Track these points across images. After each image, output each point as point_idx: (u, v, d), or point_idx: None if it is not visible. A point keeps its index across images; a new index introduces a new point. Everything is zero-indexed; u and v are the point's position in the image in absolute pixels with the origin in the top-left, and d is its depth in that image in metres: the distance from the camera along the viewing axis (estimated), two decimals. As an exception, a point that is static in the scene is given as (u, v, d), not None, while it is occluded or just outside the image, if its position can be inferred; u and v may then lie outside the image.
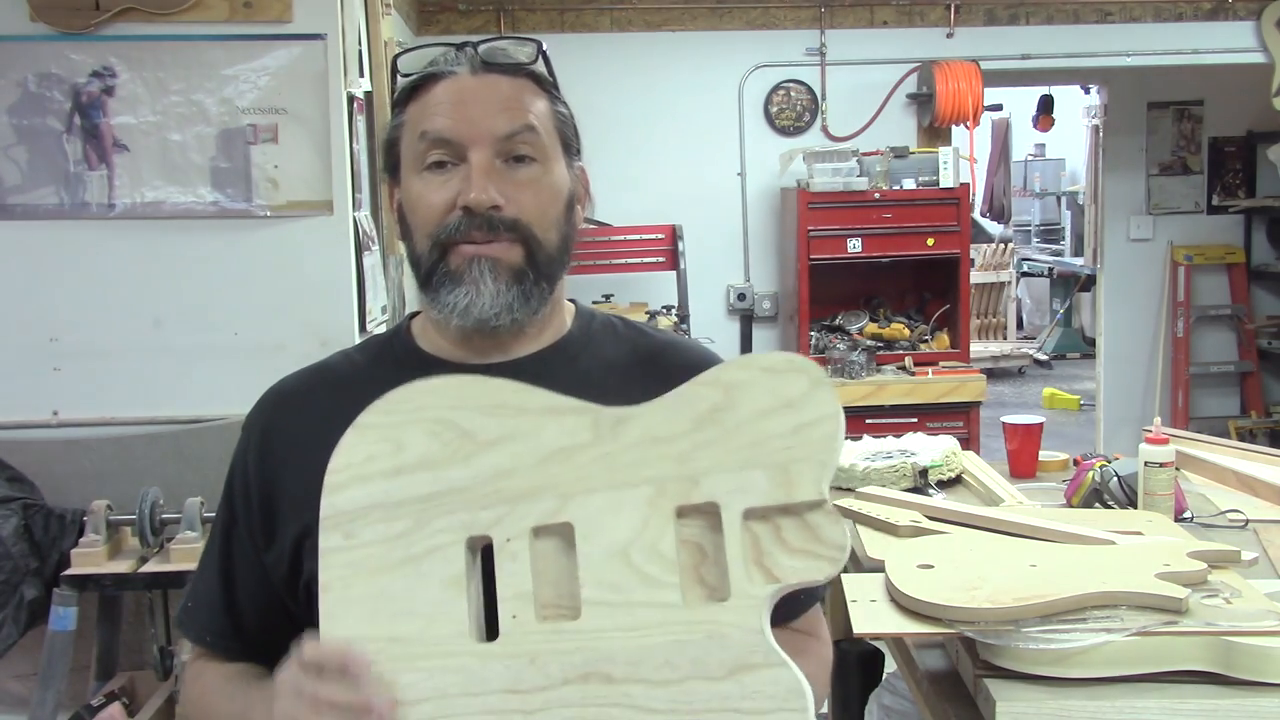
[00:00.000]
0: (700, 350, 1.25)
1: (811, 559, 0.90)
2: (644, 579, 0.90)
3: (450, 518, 0.92)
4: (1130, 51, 5.03)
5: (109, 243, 2.88)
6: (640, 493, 0.91)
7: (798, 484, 0.90)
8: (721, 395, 0.93)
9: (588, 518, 0.91)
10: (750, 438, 0.91)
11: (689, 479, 0.91)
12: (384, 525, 0.93)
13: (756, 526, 0.91)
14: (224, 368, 2.88)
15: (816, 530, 0.90)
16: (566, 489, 0.92)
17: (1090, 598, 1.34)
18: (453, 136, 1.08)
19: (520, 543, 0.91)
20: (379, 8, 3.28)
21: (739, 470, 0.91)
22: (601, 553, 0.90)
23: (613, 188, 4.73)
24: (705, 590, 0.90)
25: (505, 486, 0.93)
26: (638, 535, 0.91)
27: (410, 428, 0.95)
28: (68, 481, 2.81)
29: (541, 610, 0.91)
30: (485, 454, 0.94)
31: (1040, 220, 11.20)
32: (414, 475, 0.94)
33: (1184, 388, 6.03)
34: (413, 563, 0.92)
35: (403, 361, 1.17)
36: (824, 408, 0.92)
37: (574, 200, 1.16)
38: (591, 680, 0.88)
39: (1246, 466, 2.23)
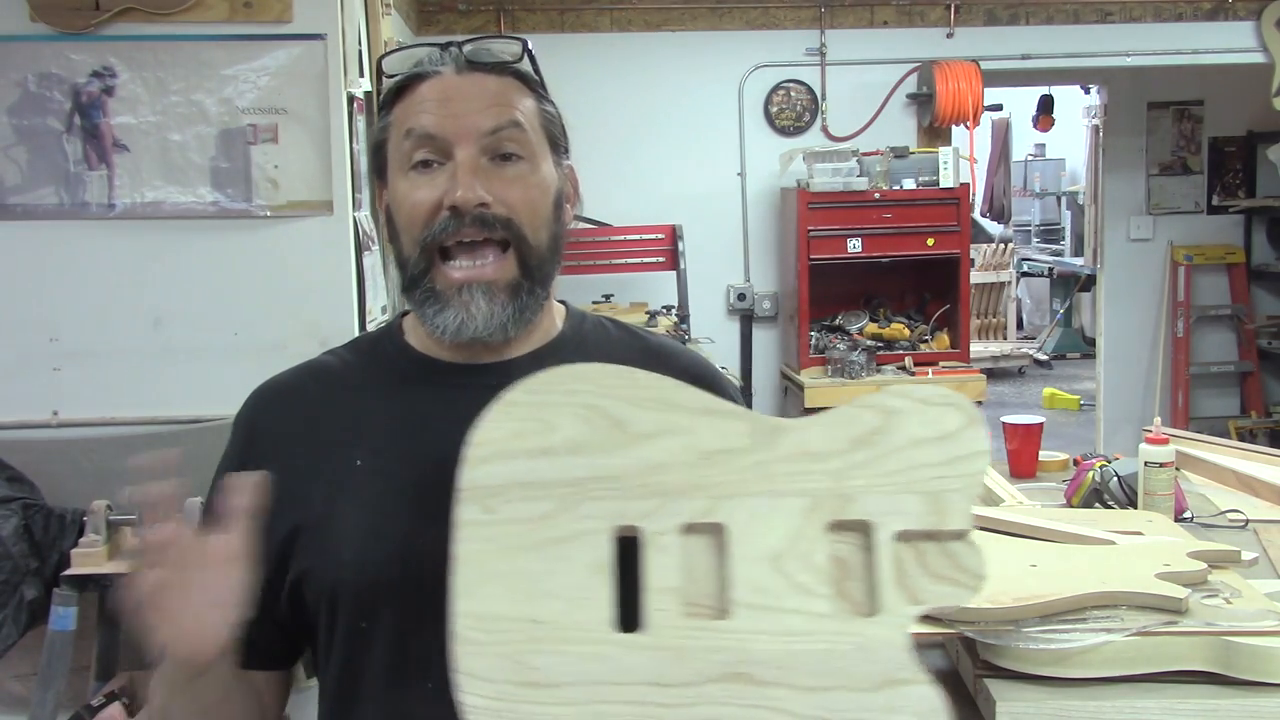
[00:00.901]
0: (695, 356, 1.25)
1: (953, 585, 0.94)
2: (796, 587, 0.91)
3: (599, 504, 0.92)
4: (1130, 51, 5.03)
5: (109, 243, 2.88)
6: (795, 503, 0.94)
7: (949, 513, 0.94)
8: (880, 420, 0.96)
9: (741, 521, 0.93)
10: (905, 463, 0.95)
11: (843, 496, 0.94)
12: (526, 504, 0.92)
13: (901, 550, 0.94)
14: (224, 368, 2.88)
15: (958, 558, 0.95)
16: (721, 490, 0.93)
17: (1090, 598, 1.34)
18: (438, 133, 1.07)
19: (671, 537, 0.92)
20: (379, 8, 3.28)
21: (894, 493, 0.94)
22: (753, 556, 0.92)
23: (613, 188, 4.74)
24: (848, 605, 0.93)
25: (659, 481, 0.93)
26: (791, 544, 0.93)
27: (560, 409, 0.94)
28: (68, 481, 2.81)
29: (689, 606, 0.91)
30: (639, 446, 0.94)
31: (1040, 220, 11.20)
32: (563, 458, 0.93)
33: (1184, 388, 6.03)
34: (555, 545, 0.91)
35: (394, 360, 1.17)
36: (976, 444, 0.96)
37: (562, 198, 1.15)
38: (738, 680, 0.89)
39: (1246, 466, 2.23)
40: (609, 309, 4.61)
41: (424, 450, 1.09)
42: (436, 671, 1.05)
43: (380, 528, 1.08)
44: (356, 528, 1.08)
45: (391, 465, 1.10)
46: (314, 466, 1.11)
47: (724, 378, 1.23)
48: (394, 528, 1.07)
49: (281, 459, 1.12)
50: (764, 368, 5.07)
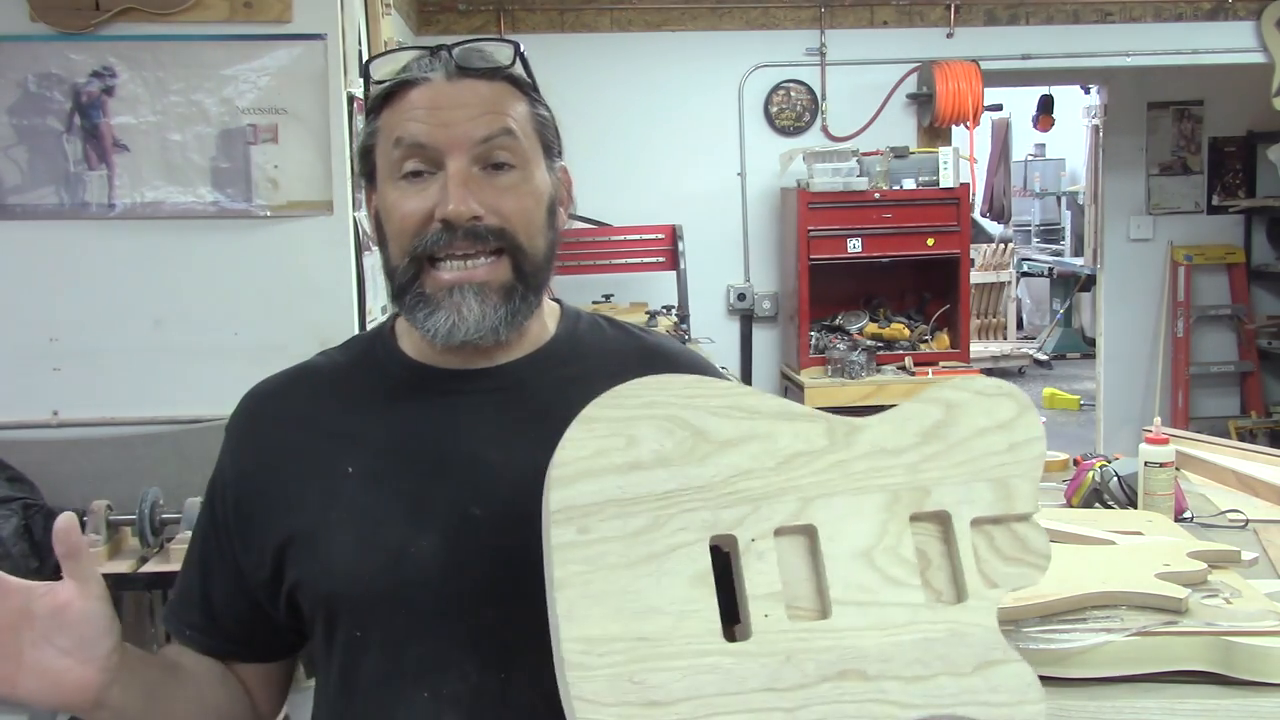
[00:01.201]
0: (692, 355, 1.24)
1: (1024, 566, 0.99)
2: (888, 580, 0.94)
3: (692, 515, 0.92)
4: (1130, 51, 5.03)
5: (109, 243, 2.88)
6: (877, 499, 0.96)
7: (1017, 497, 0.98)
8: (943, 413, 0.99)
9: (830, 520, 0.94)
10: (972, 453, 0.99)
11: (920, 489, 0.97)
12: (620, 521, 0.91)
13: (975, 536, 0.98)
14: (224, 368, 2.88)
15: (1025, 540, 0.99)
16: (807, 492, 0.95)
17: (1090, 598, 1.34)
18: (428, 143, 1.04)
19: (766, 542, 0.93)
20: (379, 8, 3.28)
21: (966, 483, 0.98)
22: (846, 554, 0.94)
23: (613, 188, 4.74)
24: (933, 594, 0.96)
25: (746, 487, 0.94)
26: (879, 539, 0.95)
27: (641, 423, 0.94)
28: (68, 481, 2.81)
29: (791, 609, 0.92)
30: (723, 454, 0.94)
31: (1040, 220, 11.20)
32: (650, 471, 0.93)
33: (1184, 388, 6.03)
34: (655, 560, 0.91)
35: (385, 365, 1.15)
36: (1033, 430, 1.00)
37: (556, 203, 1.13)
38: (848, 677, 0.91)
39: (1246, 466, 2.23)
40: (609, 309, 4.61)
41: (417, 458, 1.08)
42: (430, 681, 1.05)
43: (373, 537, 1.06)
44: (349, 537, 1.06)
45: (384, 473, 1.08)
46: (305, 474, 1.10)
47: (721, 374, 1.22)
48: (387, 536, 1.06)
49: (273, 466, 1.11)
50: (764, 368, 5.07)
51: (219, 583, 1.14)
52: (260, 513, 1.11)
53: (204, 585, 1.15)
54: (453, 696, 1.05)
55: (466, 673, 1.04)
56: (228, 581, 1.14)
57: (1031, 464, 0.99)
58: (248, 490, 1.12)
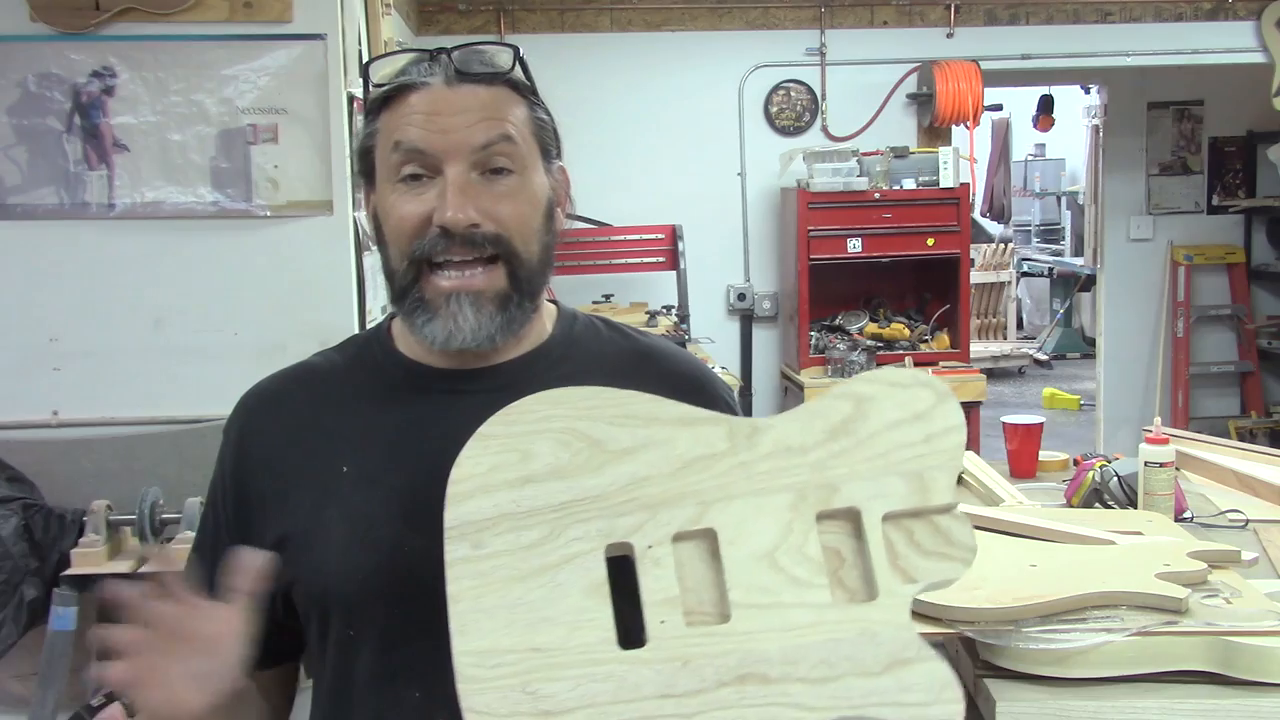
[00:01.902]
0: (686, 355, 1.24)
1: (945, 560, 0.95)
2: (792, 581, 0.92)
3: (587, 525, 0.92)
4: (1130, 51, 5.03)
5: (109, 243, 2.88)
6: (781, 499, 0.94)
7: (933, 489, 0.96)
8: (852, 408, 0.97)
9: (731, 524, 0.93)
10: (884, 447, 0.96)
11: (828, 486, 0.95)
12: (514, 535, 0.92)
13: (890, 531, 0.95)
14: (224, 368, 2.88)
15: (948, 533, 0.96)
16: (707, 496, 0.94)
17: (1090, 598, 1.34)
18: (427, 148, 1.04)
19: (663, 549, 0.92)
20: (379, 8, 3.28)
21: (877, 477, 0.96)
22: (747, 557, 0.92)
23: (613, 188, 4.74)
24: (845, 593, 0.94)
25: (643, 494, 0.94)
26: (782, 539, 0.93)
27: (537, 438, 0.95)
28: (68, 481, 2.81)
29: (689, 615, 0.92)
30: (619, 463, 0.94)
31: (1040, 220, 11.20)
32: (545, 484, 0.93)
33: (1184, 388, 6.03)
34: (549, 571, 0.91)
35: (382, 365, 1.16)
36: (950, 419, 0.98)
37: (553, 206, 1.13)
38: (748, 681, 0.89)
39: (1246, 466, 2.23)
40: (609, 309, 4.61)
41: (412, 458, 1.09)
42: (423, 680, 1.05)
43: (367, 536, 1.07)
44: (343, 536, 1.07)
45: (379, 473, 1.09)
46: (301, 474, 1.11)
47: (716, 377, 1.22)
48: (381, 536, 1.06)
49: (270, 466, 1.12)
50: (764, 368, 5.07)
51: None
52: (258, 513, 1.12)
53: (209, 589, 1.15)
54: (445, 696, 1.05)
55: None
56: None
57: (949, 454, 0.97)
58: (246, 491, 1.13)
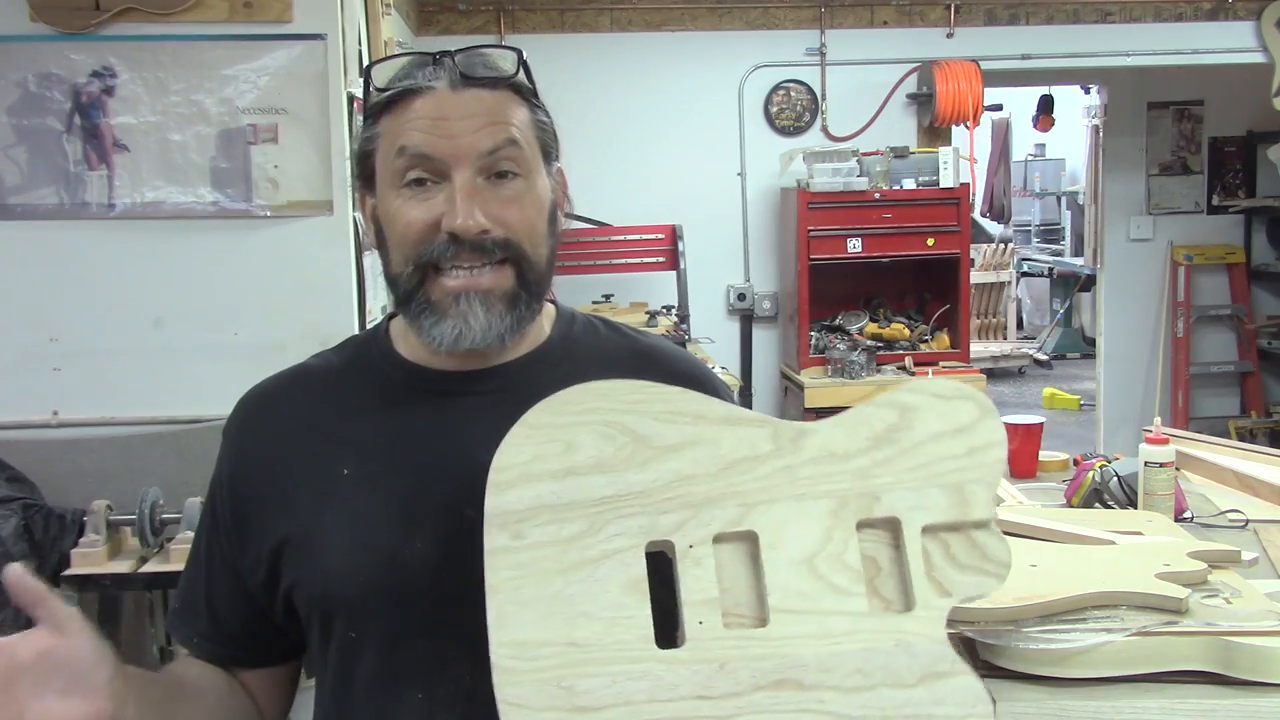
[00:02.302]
0: (687, 356, 1.24)
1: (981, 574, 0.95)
2: (831, 588, 0.92)
3: (628, 521, 0.92)
4: (1130, 51, 5.03)
5: (109, 243, 2.88)
6: (822, 505, 0.94)
7: (972, 503, 0.95)
8: (897, 417, 0.97)
9: (772, 527, 0.93)
10: (926, 458, 0.96)
11: (869, 494, 0.95)
12: (555, 526, 0.92)
13: (927, 543, 0.95)
14: (224, 368, 2.88)
15: (984, 548, 0.95)
16: (749, 498, 0.93)
17: (1090, 598, 1.34)
18: (433, 153, 1.04)
19: (704, 549, 0.92)
20: (379, 8, 3.28)
21: (918, 488, 0.95)
22: (787, 561, 0.92)
23: (613, 188, 4.74)
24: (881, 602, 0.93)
25: (686, 492, 0.93)
26: (822, 546, 0.93)
27: (581, 429, 0.94)
28: (68, 481, 2.81)
29: (727, 617, 0.91)
30: (664, 459, 0.94)
31: (1040, 220, 11.20)
32: (587, 477, 0.93)
33: (1184, 388, 6.03)
34: (589, 566, 0.91)
35: (380, 367, 1.15)
36: (993, 434, 0.97)
37: (556, 209, 1.13)
38: (783, 686, 0.89)
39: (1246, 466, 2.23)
40: (609, 309, 4.61)
41: (412, 460, 1.09)
42: (425, 681, 1.05)
43: (368, 539, 1.07)
44: (344, 539, 1.07)
45: (379, 475, 1.09)
46: (301, 476, 1.10)
47: (716, 378, 1.21)
48: (382, 538, 1.06)
49: (269, 469, 1.11)
50: (764, 368, 5.07)
51: (222, 588, 1.15)
52: (256, 515, 1.12)
53: (208, 590, 1.16)
54: (447, 698, 1.06)
55: (460, 674, 1.05)
56: (230, 586, 1.14)
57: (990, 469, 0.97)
58: (244, 493, 1.13)
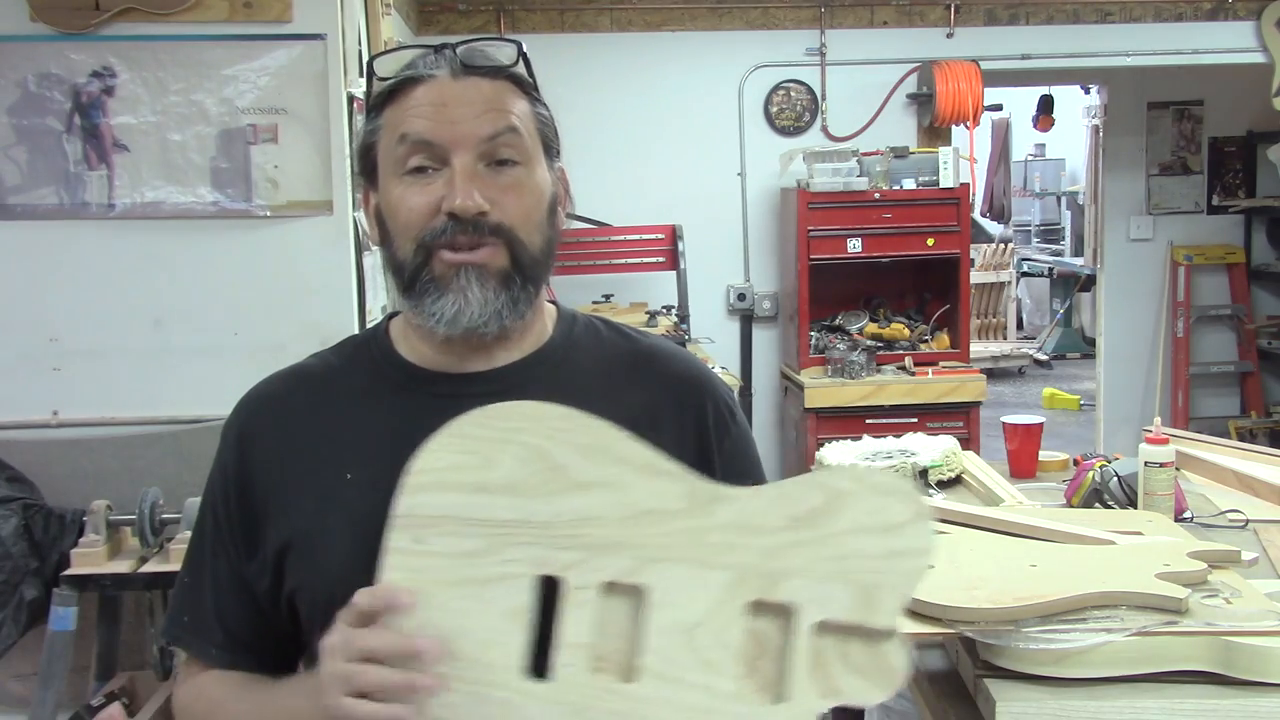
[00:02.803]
0: (687, 357, 1.24)
1: (871, 681, 0.90)
2: (703, 662, 0.89)
3: (525, 549, 0.92)
4: (1130, 51, 5.02)
5: (109, 243, 2.88)
6: (720, 576, 0.91)
7: (878, 609, 0.90)
8: (823, 500, 0.92)
9: (663, 587, 0.91)
10: (842, 551, 0.91)
11: (771, 575, 0.91)
12: (455, 539, 0.92)
13: (824, 639, 0.90)
14: (224, 368, 2.88)
15: (883, 656, 0.90)
16: (648, 553, 0.92)
17: (1090, 598, 1.34)
18: (434, 139, 1.05)
19: (589, 593, 0.91)
20: (379, 8, 3.28)
21: (823, 580, 0.90)
22: (669, 625, 0.90)
23: (613, 188, 4.74)
24: (758, 684, 0.90)
25: (587, 533, 0.92)
26: (708, 617, 0.90)
27: (503, 447, 0.94)
28: (68, 481, 2.81)
29: (597, 663, 0.90)
30: (574, 495, 0.93)
31: (1040, 220, 11.20)
32: (496, 497, 0.93)
33: (1184, 388, 6.03)
34: (478, 584, 0.91)
35: (381, 368, 1.15)
36: (920, 540, 0.91)
37: (556, 202, 1.14)
38: None
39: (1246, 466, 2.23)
40: (609, 309, 4.61)
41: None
42: None
43: (371, 542, 1.06)
44: (347, 542, 1.06)
45: (381, 478, 1.07)
46: (303, 479, 1.10)
47: (716, 377, 1.21)
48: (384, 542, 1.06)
49: (270, 471, 1.11)
50: (764, 368, 5.07)
51: (229, 598, 1.14)
52: (260, 517, 1.11)
53: (216, 602, 1.14)
54: None
55: None
56: (238, 594, 1.13)
57: (907, 576, 0.91)
58: (249, 496, 1.12)
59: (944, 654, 1.50)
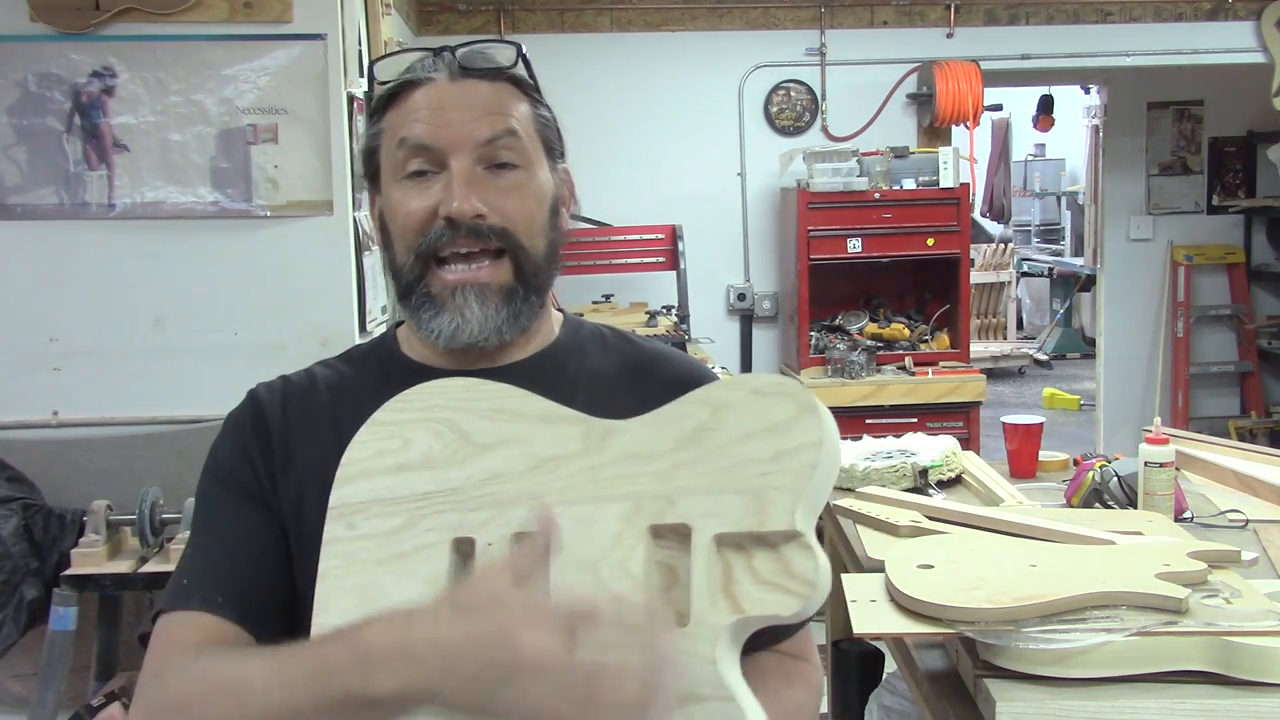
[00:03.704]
0: (691, 362, 1.24)
1: (780, 592, 0.85)
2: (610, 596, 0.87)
3: (440, 517, 0.94)
4: (1130, 51, 5.03)
5: (109, 243, 2.88)
6: (617, 508, 0.90)
7: (770, 512, 0.86)
8: (708, 415, 0.91)
9: (566, 528, 0.90)
10: (730, 460, 0.88)
11: (665, 498, 0.89)
12: (381, 520, 0.95)
13: (730, 554, 0.87)
14: (224, 368, 2.88)
15: (788, 563, 0.85)
16: (550, 498, 0.92)
17: (1090, 598, 1.34)
18: (432, 143, 1.05)
19: (501, 547, 0.92)
20: (379, 8, 3.28)
21: (714, 493, 0.88)
22: (573, 563, 0.89)
23: (613, 188, 4.74)
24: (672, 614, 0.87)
25: (495, 490, 0.94)
26: (609, 551, 0.89)
27: (418, 426, 0.97)
28: (68, 481, 2.81)
29: None
30: (481, 457, 0.95)
31: (1040, 220, 11.20)
32: (415, 473, 0.96)
33: (1184, 388, 6.03)
34: (402, 559, 0.94)
35: (389, 370, 1.15)
36: (807, 435, 0.87)
37: (559, 204, 1.13)
38: None
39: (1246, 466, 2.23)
40: (608, 309, 4.61)
41: None
42: None
43: None
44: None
45: None
46: (306, 475, 1.09)
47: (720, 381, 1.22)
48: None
49: (278, 464, 1.10)
50: (764, 368, 5.07)
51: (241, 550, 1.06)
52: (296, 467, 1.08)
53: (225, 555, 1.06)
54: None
55: None
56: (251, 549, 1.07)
57: (797, 474, 0.86)
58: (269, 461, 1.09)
59: (944, 654, 1.50)
